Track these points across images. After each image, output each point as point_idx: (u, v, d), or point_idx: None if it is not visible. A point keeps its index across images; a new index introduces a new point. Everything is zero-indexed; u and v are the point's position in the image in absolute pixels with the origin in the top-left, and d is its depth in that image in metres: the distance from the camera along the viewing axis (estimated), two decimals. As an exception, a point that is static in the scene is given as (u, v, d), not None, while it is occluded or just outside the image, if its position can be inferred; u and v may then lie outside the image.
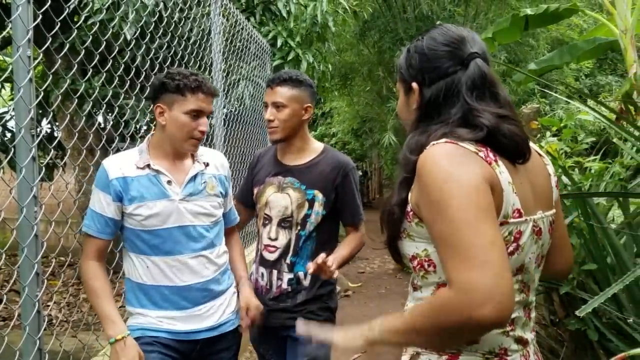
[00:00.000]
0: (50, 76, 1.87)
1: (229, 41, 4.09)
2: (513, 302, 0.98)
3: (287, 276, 2.12)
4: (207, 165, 1.94)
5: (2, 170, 2.42)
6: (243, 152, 4.51)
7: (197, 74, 1.79)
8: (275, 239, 2.12)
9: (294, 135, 2.15)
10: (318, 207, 2.11)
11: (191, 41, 3.30)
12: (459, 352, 1.11)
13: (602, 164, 2.57)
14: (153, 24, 2.82)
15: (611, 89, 11.76)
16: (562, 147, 2.51)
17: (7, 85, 5.48)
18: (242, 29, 4.36)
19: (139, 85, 2.64)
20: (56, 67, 1.90)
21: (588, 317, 2.09)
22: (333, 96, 11.92)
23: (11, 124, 5.13)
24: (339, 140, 14.96)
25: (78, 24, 2.16)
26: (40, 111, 1.74)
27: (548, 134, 2.83)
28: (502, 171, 1.08)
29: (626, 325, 2.01)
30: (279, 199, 2.12)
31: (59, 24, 1.81)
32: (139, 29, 2.85)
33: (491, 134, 1.10)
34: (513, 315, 1.12)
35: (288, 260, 2.12)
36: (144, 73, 2.56)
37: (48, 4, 1.81)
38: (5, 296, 5.95)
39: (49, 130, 5.65)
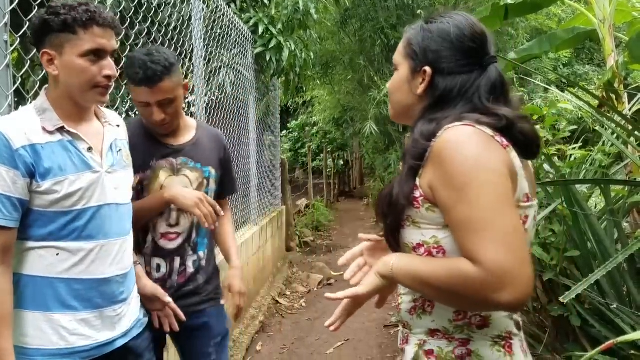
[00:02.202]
0: (28, 62, 1.81)
1: (209, 27, 4.02)
2: (531, 290, 1.00)
3: (191, 259, 2.00)
4: (118, 127, 1.63)
5: None
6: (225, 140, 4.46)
7: (86, 3, 1.42)
8: (176, 225, 1.95)
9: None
10: (212, 184, 2.04)
11: (171, 27, 3.23)
12: (470, 338, 1.12)
13: (584, 152, 2.60)
14: (132, 9, 2.76)
15: (588, 78, 11.92)
16: (546, 135, 2.53)
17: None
18: (222, 15, 4.30)
19: (118, 72, 2.58)
20: (33, 53, 1.84)
21: (571, 303, 2.12)
22: (314, 85, 11.86)
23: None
24: (320, 129, 14.92)
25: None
26: (16, 99, 1.66)
27: (529, 122, 2.85)
28: (515, 156, 1.09)
29: (608, 311, 2.04)
30: (176, 182, 1.94)
31: (36, 7, 1.75)
32: (118, 14, 2.78)
33: (509, 126, 1.10)
34: None
35: (192, 243, 2.00)
36: (123, 60, 2.50)
37: (24, -14, 1.74)
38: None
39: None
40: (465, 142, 1.04)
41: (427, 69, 1.17)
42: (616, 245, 2.27)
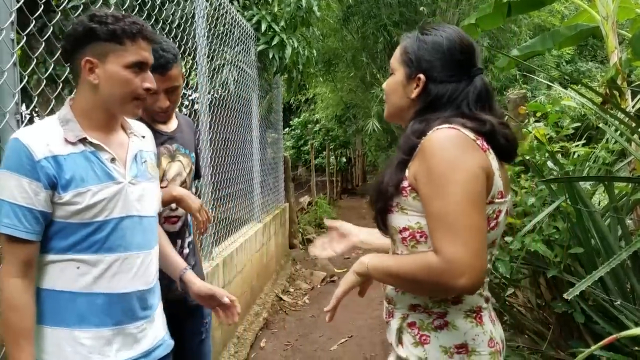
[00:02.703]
0: (35, 60, 1.82)
1: (212, 25, 4.03)
2: (484, 278, 1.23)
3: (187, 240, 2.11)
4: (143, 138, 1.61)
5: None
6: (227, 137, 4.47)
7: (130, 15, 1.43)
8: (177, 209, 2.02)
9: None
10: (193, 168, 2.14)
11: (175, 25, 3.24)
12: (446, 311, 1.28)
13: (587, 149, 2.60)
14: (137, 7, 2.76)
15: (591, 75, 11.89)
16: (549, 132, 2.53)
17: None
18: (225, 12, 4.30)
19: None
20: (40, 51, 1.85)
21: (574, 299, 2.12)
22: (317, 82, 11.86)
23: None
24: (322, 126, 14.91)
25: (61, 7, 2.10)
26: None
27: (532, 119, 2.85)
28: (493, 158, 1.24)
29: (612, 308, 2.05)
30: (174, 167, 2.04)
31: (42, 6, 1.76)
32: (109, 10, 2.78)
33: (492, 131, 1.24)
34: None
35: (187, 226, 2.12)
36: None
37: (30, -15, 1.75)
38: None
39: (28, 116, 5.53)
40: (447, 143, 1.20)
41: (422, 76, 1.32)
42: (620, 242, 2.27)
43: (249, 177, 5.50)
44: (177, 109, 2.15)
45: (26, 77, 1.73)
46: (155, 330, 1.56)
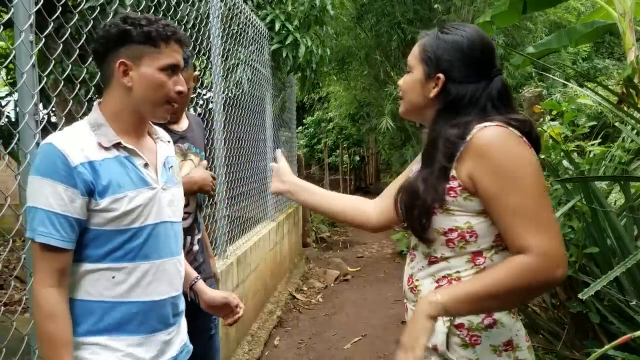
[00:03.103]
0: (53, 62, 1.85)
1: (227, 25, 4.05)
2: None
3: (196, 237, 2.13)
4: (168, 143, 1.59)
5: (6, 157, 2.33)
6: (241, 136, 4.49)
7: (162, 18, 1.41)
8: (187, 205, 2.01)
9: None
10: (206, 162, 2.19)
11: (190, 25, 3.26)
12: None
13: (603, 148, 2.58)
14: (152, 8, 2.79)
15: (608, 73, 11.74)
16: (564, 131, 2.51)
17: (2, 69, 5.42)
18: (240, 12, 4.32)
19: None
20: (57, 52, 1.88)
21: (590, 299, 2.11)
22: (330, 80, 11.84)
23: (8, 109, 5.09)
24: (336, 125, 14.89)
25: (79, 9, 2.13)
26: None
27: (547, 117, 2.83)
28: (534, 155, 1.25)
29: (628, 308, 2.03)
30: (186, 166, 2.09)
31: (60, 8, 1.79)
32: (138, 13, 2.82)
33: (531, 131, 1.26)
34: None
35: (198, 222, 2.15)
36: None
37: (48, -13, 1.78)
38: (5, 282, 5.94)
39: (45, 117, 5.60)
40: (506, 139, 1.20)
41: (441, 75, 1.31)
42: (636, 242, 2.25)
43: (263, 175, 5.52)
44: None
45: (44, 78, 1.76)
46: (182, 335, 1.56)
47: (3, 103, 5.26)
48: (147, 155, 1.44)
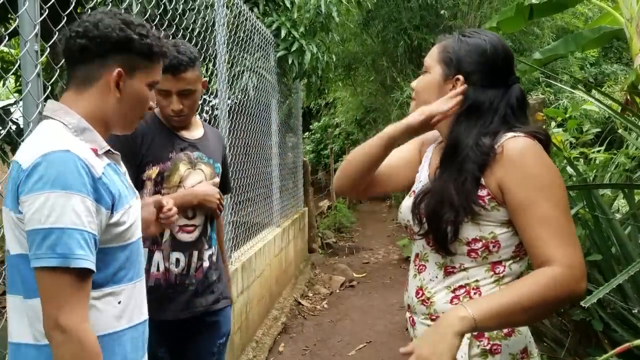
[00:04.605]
0: (57, 70, 1.87)
1: (232, 32, 4.08)
2: None
3: (207, 253, 2.02)
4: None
5: (9, 164, 2.36)
6: (247, 143, 4.51)
7: (155, 29, 1.34)
8: (193, 217, 1.98)
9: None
10: (217, 180, 2.09)
11: (195, 33, 3.29)
12: None
13: (607, 155, 2.57)
14: (157, 16, 2.82)
15: (616, 78, 11.68)
16: (567, 137, 2.51)
17: (11, 78, 5.50)
18: (245, 19, 4.35)
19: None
20: (62, 62, 1.90)
21: (593, 307, 2.10)
22: (337, 86, 11.87)
23: (16, 116, 5.15)
24: (342, 130, 14.91)
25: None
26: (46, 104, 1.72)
27: (553, 124, 2.83)
28: None
29: (631, 316, 2.02)
30: (194, 176, 1.99)
31: (65, 17, 1.81)
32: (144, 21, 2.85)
33: (548, 144, 1.29)
34: None
35: (207, 237, 2.04)
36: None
37: (54, -3, 1.80)
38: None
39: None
40: (536, 150, 1.21)
41: (461, 77, 1.29)
42: (639, 249, 2.24)
43: (268, 181, 5.54)
44: (199, 117, 2.17)
45: (49, 87, 1.78)
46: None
47: (12, 110, 5.32)
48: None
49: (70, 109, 1.23)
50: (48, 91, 1.74)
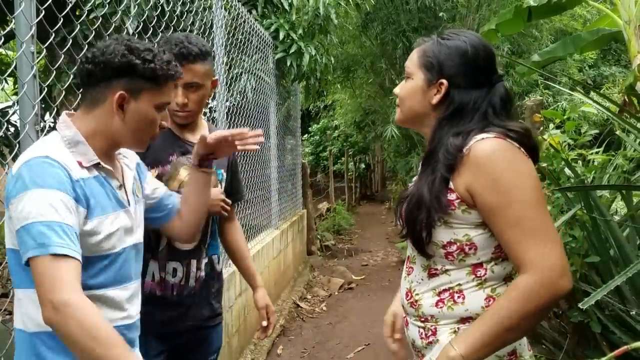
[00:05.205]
0: (54, 72, 1.87)
1: (231, 34, 4.08)
2: None
3: (204, 262, 1.92)
4: (127, 158, 1.52)
5: (7, 166, 2.34)
6: (246, 145, 4.50)
7: (161, 50, 1.37)
8: None
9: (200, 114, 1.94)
10: (221, 187, 1.98)
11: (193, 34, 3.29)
12: None
13: (605, 157, 2.57)
14: (155, 18, 2.82)
15: (615, 80, 11.70)
16: (566, 139, 2.51)
17: (9, 79, 5.48)
18: (244, 21, 4.35)
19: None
20: (59, 62, 1.90)
21: (591, 309, 2.10)
22: (335, 89, 11.88)
23: (14, 118, 5.14)
24: (341, 132, 14.92)
25: (81, 19, 2.15)
26: (43, 105, 1.71)
27: (551, 126, 2.83)
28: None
29: (629, 318, 2.02)
30: None
31: (62, 19, 1.81)
32: (141, 23, 2.85)
33: (528, 142, 1.25)
34: None
35: (206, 245, 1.93)
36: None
37: (50, -1, 1.80)
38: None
39: (52, 125, 5.65)
40: (504, 151, 1.19)
41: (444, 81, 1.28)
42: (637, 251, 2.24)
43: (267, 184, 5.54)
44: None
45: (46, 89, 1.77)
46: None
47: (10, 112, 5.30)
48: (118, 176, 1.40)
49: (73, 124, 1.32)
50: (44, 93, 1.73)
